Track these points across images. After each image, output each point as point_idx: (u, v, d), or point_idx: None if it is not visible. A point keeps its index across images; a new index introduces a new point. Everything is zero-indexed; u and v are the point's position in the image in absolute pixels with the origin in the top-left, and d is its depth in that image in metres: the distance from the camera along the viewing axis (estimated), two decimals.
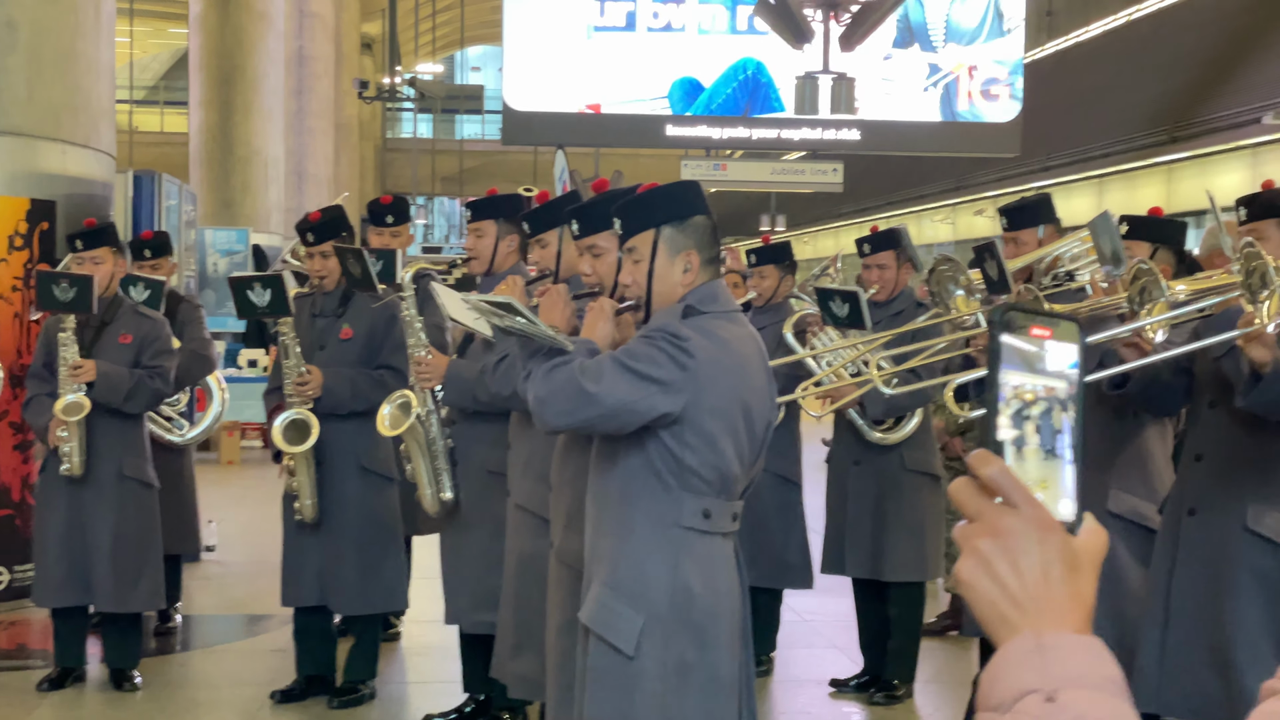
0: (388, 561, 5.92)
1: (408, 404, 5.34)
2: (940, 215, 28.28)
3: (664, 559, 3.25)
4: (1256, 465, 4.01)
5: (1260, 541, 3.96)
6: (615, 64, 18.64)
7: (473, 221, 5.32)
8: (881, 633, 6.07)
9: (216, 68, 16.41)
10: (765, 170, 20.26)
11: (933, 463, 5.98)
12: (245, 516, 10.42)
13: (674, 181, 3.52)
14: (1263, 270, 3.54)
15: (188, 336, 6.95)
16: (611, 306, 3.44)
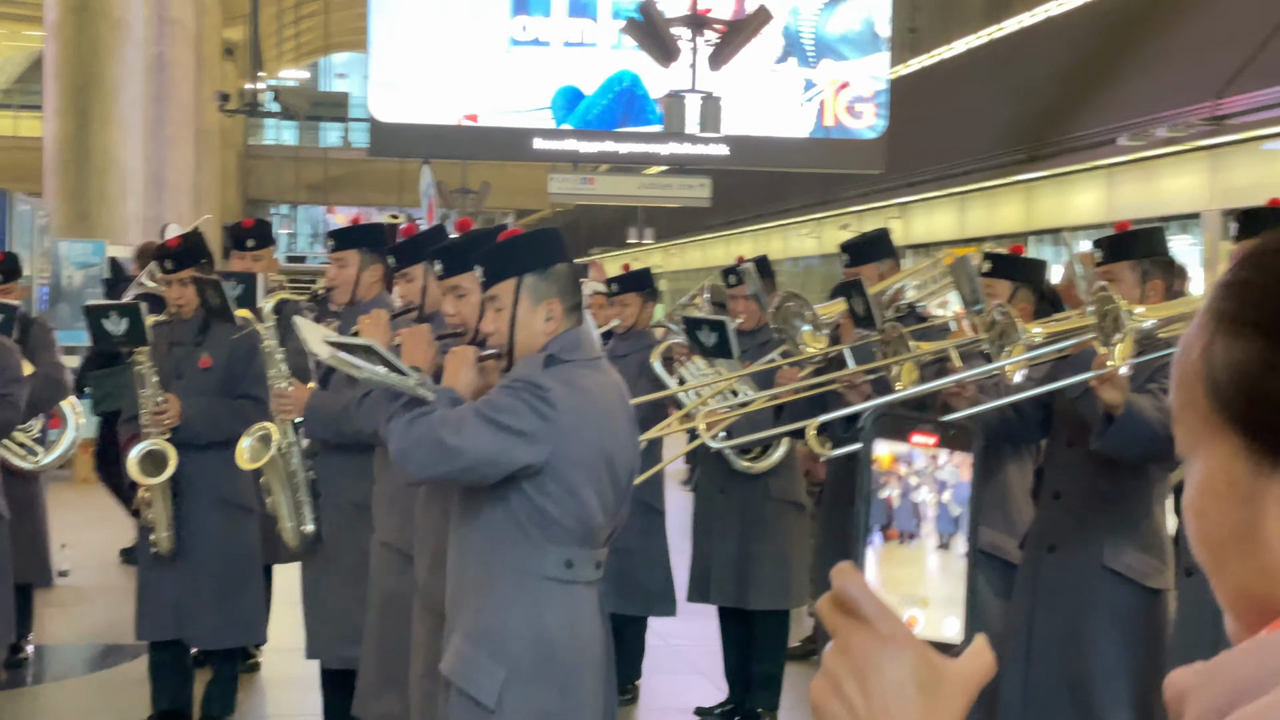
0: (246, 594, 5.82)
1: (268, 436, 5.25)
2: (806, 229, 28.55)
3: (526, 610, 3.23)
4: (1113, 503, 4.10)
5: (1117, 579, 4.05)
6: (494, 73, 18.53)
7: (335, 251, 5.25)
8: (746, 661, 6.10)
9: (72, 76, 16.02)
10: (633, 184, 20.29)
11: (797, 491, 6.02)
12: (100, 539, 10.16)
13: (536, 229, 3.51)
14: (1115, 314, 3.62)
15: (40, 361, 6.76)
16: (474, 353, 3.42)
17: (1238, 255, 1.06)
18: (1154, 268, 4.22)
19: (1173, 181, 17.71)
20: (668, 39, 12.31)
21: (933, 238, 24.27)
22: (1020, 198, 21.16)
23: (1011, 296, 4.68)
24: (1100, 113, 18.33)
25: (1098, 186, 19.27)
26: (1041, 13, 22.49)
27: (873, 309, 4.77)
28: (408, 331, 3.77)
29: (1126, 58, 19.05)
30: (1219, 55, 16.54)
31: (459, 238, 3.89)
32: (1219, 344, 1.02)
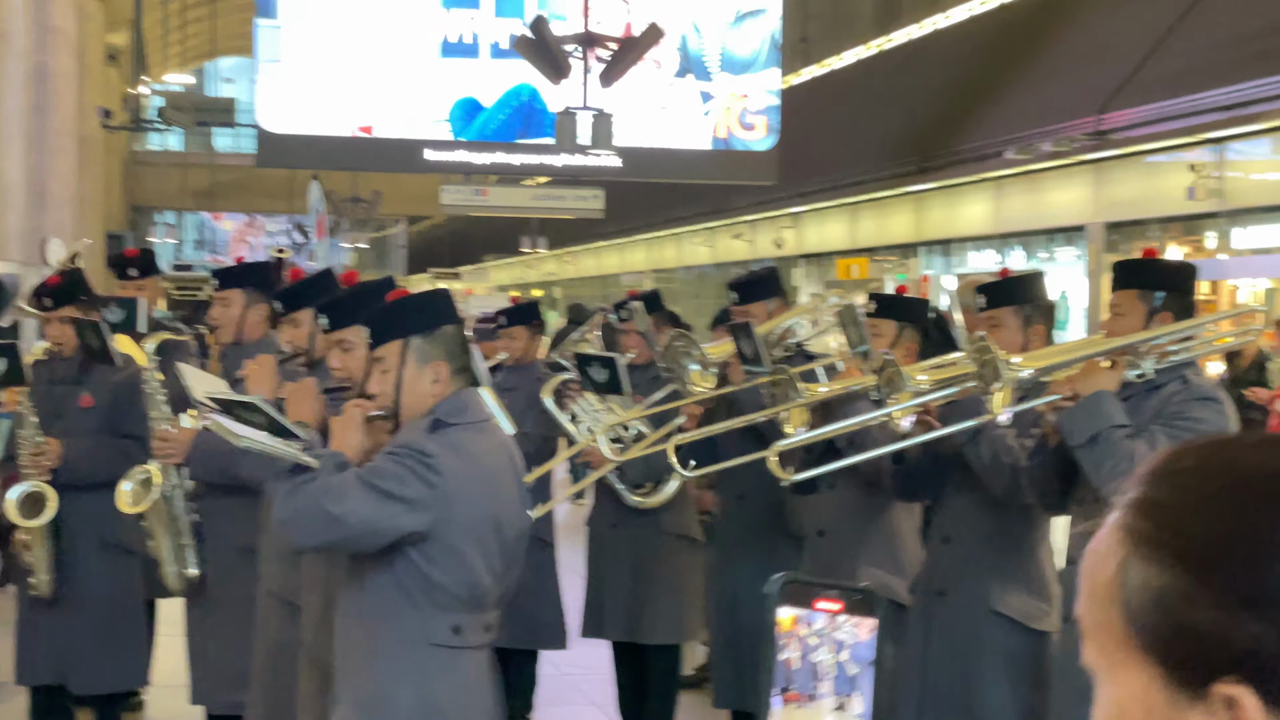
0: (128, 638, 5.71)
1: (149, 479, 5.15)
2: (699, 239, 28.69)
3: (412, 678, 3.20)
4: (1000, 548, 4.16)
5: (1005, 622, 4.10)
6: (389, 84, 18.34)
7: (219, 290, 5.17)
8: (640, 695, 6.09)
9: None
10: (526, 196, 20.25)
11: (690, 525, 6.03)
12: None
13: (423, 291, 3.48)
14: (993, 364, 3.66)
15: None
16: (361, 414, 3.37)
17: (1149, 468, 1.04)
18: (1036, 313, 4.28)
19: (1058, 194, 18.02)
20: (559, 56, 12.28)
21: (825, 248, 24.50)
22: (910, 209, 21.41)
23: (897, 336, 4.72)
24: (988, 126, 18.59)
25: (986, 198, 19.56)
26: (930, 25, 22.77)
27: (761, 351, 4.79)
28: (293, 386, 3.72)
29: (1013, 72, 19.34)
30: (1102, 71, 16.85)
31: (345, 291, 3.85)
32: (1134, 567, 1.00)
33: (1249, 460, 1.00)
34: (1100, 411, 3.66)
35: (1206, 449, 1.03)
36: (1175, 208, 15.92)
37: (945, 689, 4.17)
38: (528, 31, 12.38)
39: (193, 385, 4.34)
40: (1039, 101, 17.74)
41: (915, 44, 23.18)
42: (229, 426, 3.19)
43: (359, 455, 3.34)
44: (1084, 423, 3.67)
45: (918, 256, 21.76)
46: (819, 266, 25.02)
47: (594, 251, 36.15)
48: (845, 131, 22.81)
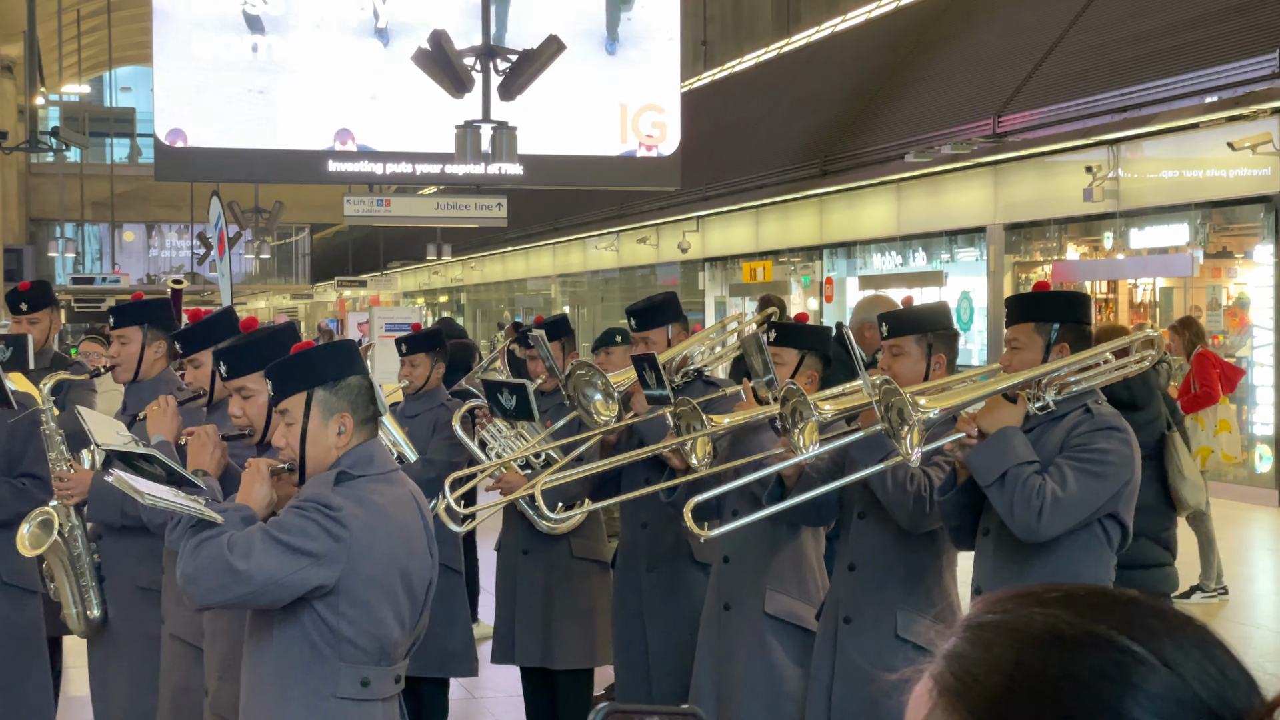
0: (30, 680, 5.62)
1: (49, 521, 5.08)
2: (605, 243, 28.71)
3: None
4: (905, 574, 4.20)
5: (911, 649, 4.14)
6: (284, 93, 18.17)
7: (116, 328, 5.11)
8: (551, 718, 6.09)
9: None
10: (430, 205, 20.16)
11: (601, 550, 6.04)
12: None
13: (327, 343, 3.46)
14: (900, 407, 3.69)
15: None
16: (267, 467, 3.35)
17: (964, 619, 1.06)
18: (939, 341, 4.33)
19: (958, 196, 18.24)
20: (460, 70, 12.24)
21: (729, 251, 24.62)
22: (813, 211, 21.57)
23: (799, 364, 4.75)
24: (888, 129, 18.77)
25: (888, 201, 19.74)
26: (829, 28, 22.94)
27: (665, 381, 4.81)
28: (193, 434, 3.69)
29: (912, 74, 19.54)
30: (999, 74, 17.08)
31: (243, 337, 3.82)
32: (937, 717, 1.02)
33: (1043, 619, 1.03)
34: (1007, 449, 3.72)
35: (1012, 602, 1.05)
36: (1073, 209, 16.17)
37: (851, 716, 4.21)
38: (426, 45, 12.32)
39: (94, 431, 4.28)
40: (938, 104, 17.95)
41: (815, 46, 23.35)
42: (133, 484, 3.16)
43: (265, 509, 3.32)
44: (991, 461, 3.73)
45: (822, 259, 21.92)
46: (724, 270, 25.14)
47: (500, 257, 36.07)
48: (747, 134, 22.94)
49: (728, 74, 26.33)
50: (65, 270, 40.59)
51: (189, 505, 3.18)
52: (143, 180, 39.53)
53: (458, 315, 40.80)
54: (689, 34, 22.19)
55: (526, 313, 35.55)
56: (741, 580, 4.73)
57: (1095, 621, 1.02)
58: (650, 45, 18.96)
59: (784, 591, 4.67)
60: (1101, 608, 1.03)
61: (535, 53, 12.49)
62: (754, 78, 24.90)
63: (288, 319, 16.16)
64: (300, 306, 53.36)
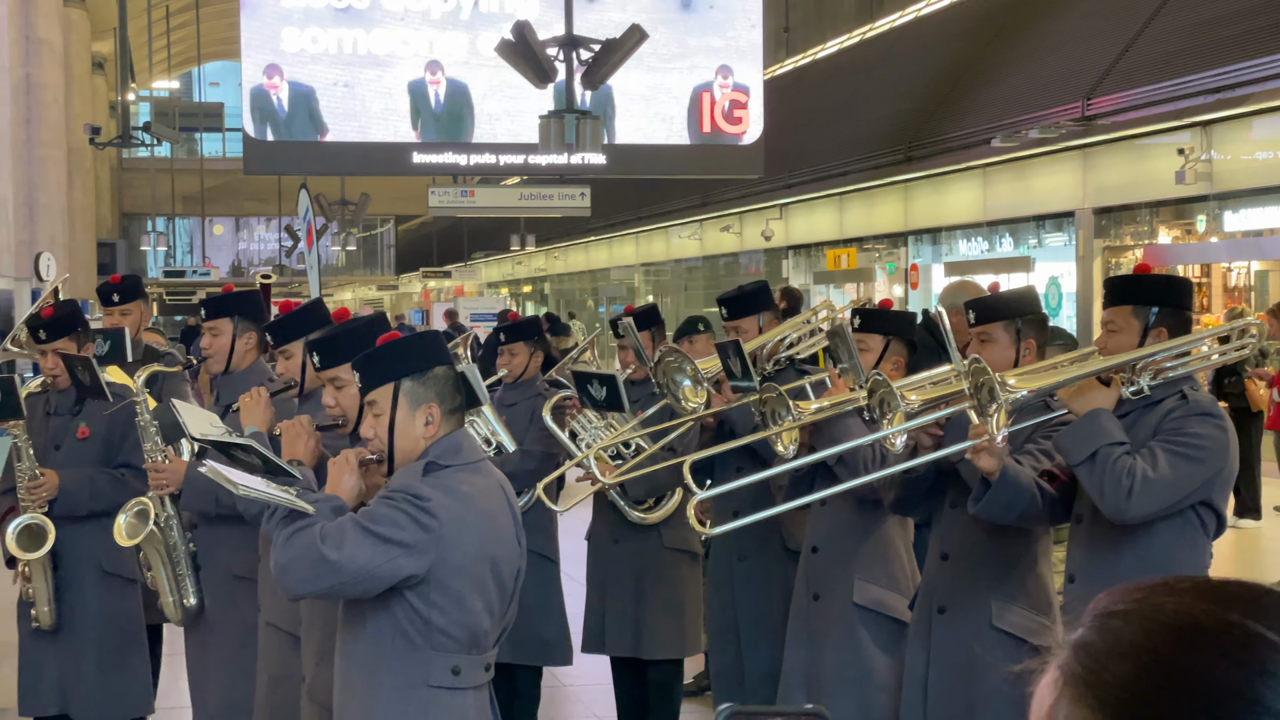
0: (131, 667, 5.72)
1: (145, 511, 5.17)
2: (688, 231, 28.68)
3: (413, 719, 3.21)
4: (999, 563, 4.15)
5: (1006, 638, 4.10)
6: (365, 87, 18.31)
7: (208, 320, 5.18)
8: (642, 708, 6.11)
9: None
10: (513, 196, 20.26)
11: (691, 540, 6.04)
12: None
13: (414, 334, 3.48)
14: (988, 386, 3.66)
15: None
16: (356, 457, 3.38)
17: (1092, 609, 1.06)
18: (1027, 327, 4.28)
19: (1046, 180, 18.04)
20: (543, 60, 12.27)
21: (813, 238, 24.50)
22: (898, 197, 21.41)
23: (884, 350, 4.73)
24: (974, 113, 18.59)
25: (974, 186, 19.56)
26: (913, 12, 22.73)
27: (750, 369, 4.80)
28: (287, 425, 3.73)
29: (999, 58, 19.33)
30: (1088, 56, 16.85)
31: (334, 329, 3.86)
32: (1064, 706, 1.03)
33: (1174, 608, 1.03)
34: (1097, 429, 3.67)
35: (1141, 593, 1.06)
36: (1164, 192, 15.94)
37: (948, 708, 4.17)
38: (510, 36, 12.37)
39: (188, 423, 4.34)
40: (1025, 88, 17.75)
41: (898, 31, 23.15)
42: (226, 474, 3.20)
43: (355, 499, 3.35)
44: (1081, 441, 3.67)
45: (906, 245, 21.76)
46: (807, 257, 25.03)
47: (583, 246, 36.13)
48: (830, 121, 22.81)
49: (810, 61, 26.19)
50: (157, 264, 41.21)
51: (280, 496, 3.21)
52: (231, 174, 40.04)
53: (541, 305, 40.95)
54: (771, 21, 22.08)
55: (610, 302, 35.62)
56: (830, 570, 4.71)
57: (1228, 610, 1.01)
58: (733, 33, 18.91)
59: (873, 581, 4.64)
60: (1233, 596, 1.03)
61: (618, 42, 12.51)
62: (837, 64, 24.74)
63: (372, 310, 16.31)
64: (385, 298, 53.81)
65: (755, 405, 4.65)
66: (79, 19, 28.83)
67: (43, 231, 22.67)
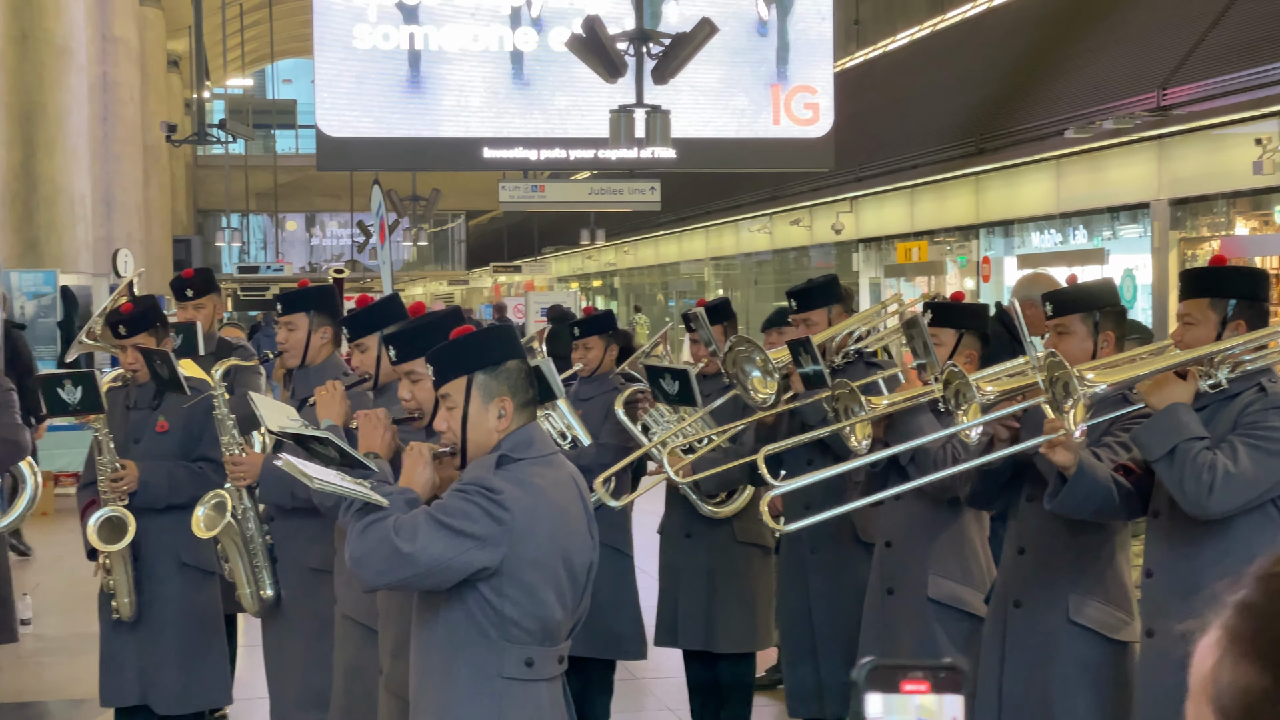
0: (210, 657, 5.80)
1: (222, 503, 5.24)
2: (758, 225, 28.61)
3: (487, 711, 3.23)
4: (1076, 557, 4.12)
5: (1083, 633, 4.07)
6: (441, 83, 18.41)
7: (284, 315, 5.23)
8: (714, 701, 6.11)
9: (17, 106, 15.86)
10: (583, 190, 20.31)
11: (764, 534, 6.04)
12: (60, 581, 10.11)
13: (487, 327, 3.50)
14: (1065, 380, 3.63)
15: None
16: (430, 450, 3.41)
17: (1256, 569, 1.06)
18: (1105, 319, 4.24)
19: (1120, 172, 17.83)
20: (613, 54, 12.29)
21: (883, 231, 24.37)
22: (969, 190, 21.25)
23: (957, 344, 4.70)
24: (1047, 105, 18.41)
25: (1047, 178, 19.37)
26: (985, 3, 22.57)
27: (821, 365, 4.79)
28: (364, 417, 3.76)
29: (1072, 48, 19.14)
30: (1163, 45, 16.65)
31: (411, 323, 3.89)
32: (1226, 665, 1.03)
33: None
34: (1176, 424, 3.63)
35: None
36: (1242, 182, 15.70)
37: (1023, 702, 4.14)
38: (580, 31, 12.39)
39: (265, 417, 4.39)
40: (1099, 78, 17.56)
41: (970, 23, 22.98)
42: (301, 468, 3.23)
43: (428, 492, 3.38)
44: (1160, 437, 3.64)
45: (978, 238, 21.59)
46: (878, 251, 24.90)
47: (652, 241, 36.14)
48: (901, 114, 22.68)
49: (880, 53, 26.06)
50: (231, 260, 41.64)
51: (355, 489, 3.24)
52: (304, 171, 40.39)
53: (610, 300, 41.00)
54: (841, 13, 21.99)
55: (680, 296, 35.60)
56: (904, 564, 4.70)
57: None
58: (803, 25, 18.86)
59: (947, 576, 4.62)
60: None
61: (688, 36, 12.50)
62: (907, 56, 24.60)
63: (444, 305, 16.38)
64: (456, 292, 54.08)
65: (827, 399, 4.65)
66: (155, 18, 29.18)
67: (119, 228, 22.99)
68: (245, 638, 7.26)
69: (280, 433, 3.75)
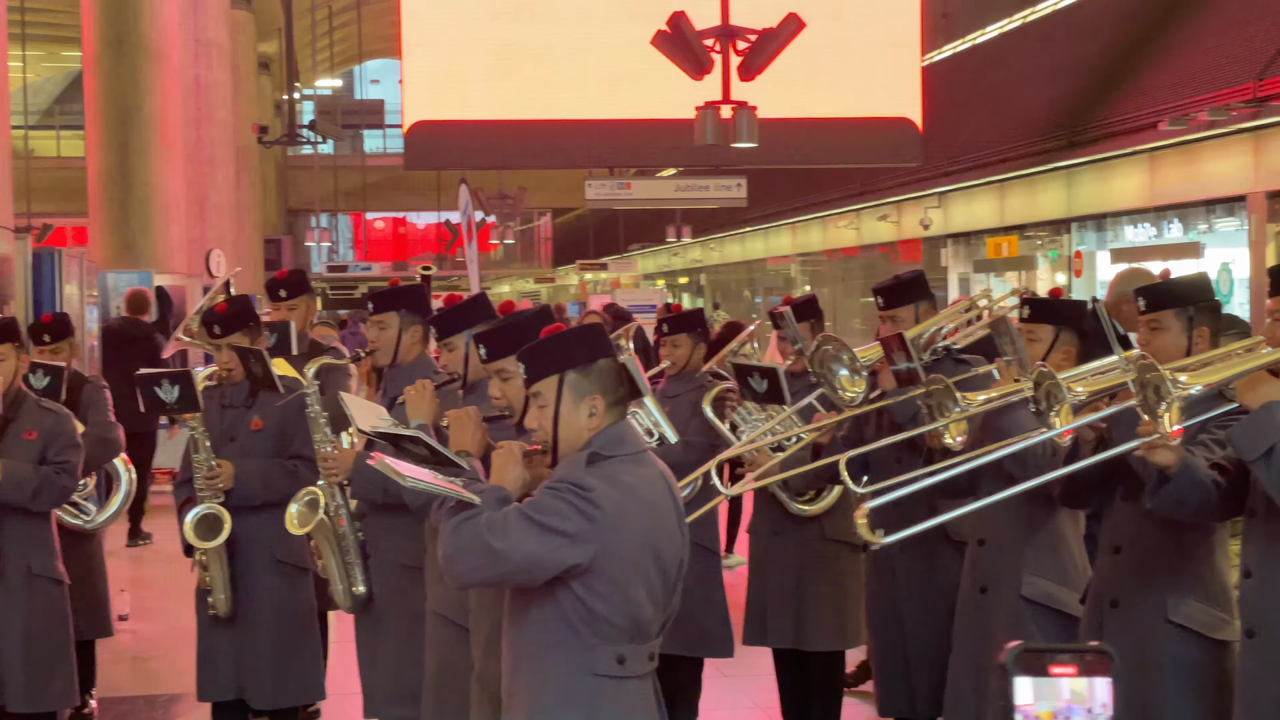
0: (303, 653, 5.86)
1: (315, 500, 5.30)
2: (845, 221, 28.48)
3: (579, 708, 3.24)
4: (1173, 556, 4.06)
5: (1182, 632, 4.00)
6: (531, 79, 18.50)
7: (374, 314, 5.28)
8: (804, 700, 6.09)
9: (112, 109, 16.15)
10: (669, 187, 20.32)
11: (853, 532, 6.00)
12: (158, 576, 10.27)
13: (577, 326, 3.51)
14: (1156, 383, 3.56)
15: (91, 421, 6.82)
16: (520, 449, 3.42)
17: None
18: (1200, 315, 4.17)
19: (1216, 164, 17.56)
20: (699, 51, 12.28)
21: (973, 226, 24.17)
22: (1061, 183, 21.02)
23: (1054, 341, 4.64)
24: (1140, 96, 18.19)
25: (1140, 171, 19.12)
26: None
27: (916, 362, 4.75)
28: (455, 415, 3.78)
29: (1166, 39, 18.88)
30: (1259, 35, 16.38)
31: (502, 320, 3.91)
32: None
33: None
34: (1272, 424, 3.55)
35: None
36: None
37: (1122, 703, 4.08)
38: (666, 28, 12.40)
39: (356, 416, 4.43)
40: (1194, 69, 17.32)
41: (1061, 14, 22.74)
42: (394, 467, 3.26)
43: (519, 489, 3.39)
44: (1256, 436, 3.57)
45: (1070, 233, 21.35)
46: (967, 246, 24.70)
47: (739, 237, 36.08)
48: (990, 106, 22.48)
49: (970, 46, 25.84)
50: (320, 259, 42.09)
51: (447, 487, 3.26)
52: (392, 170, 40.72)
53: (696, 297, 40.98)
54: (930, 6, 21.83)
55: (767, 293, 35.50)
56: (997, 563, 4.64)
57: None
58: (890, 19, 18.74)
59: (1042, 575, 4.56)
60: None
61: (774, 32, 12.46)
62: (997, 48, 24.39)
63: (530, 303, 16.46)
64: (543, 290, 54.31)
65: (920, 397, 4.60)
66: (245, 21, 29.56)
67: (212, 229, 23.31)
68: (337, 634, 7.35)
69: (371, 432, 3.78)
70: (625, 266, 38.92)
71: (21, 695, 5.90)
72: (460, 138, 18.73)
